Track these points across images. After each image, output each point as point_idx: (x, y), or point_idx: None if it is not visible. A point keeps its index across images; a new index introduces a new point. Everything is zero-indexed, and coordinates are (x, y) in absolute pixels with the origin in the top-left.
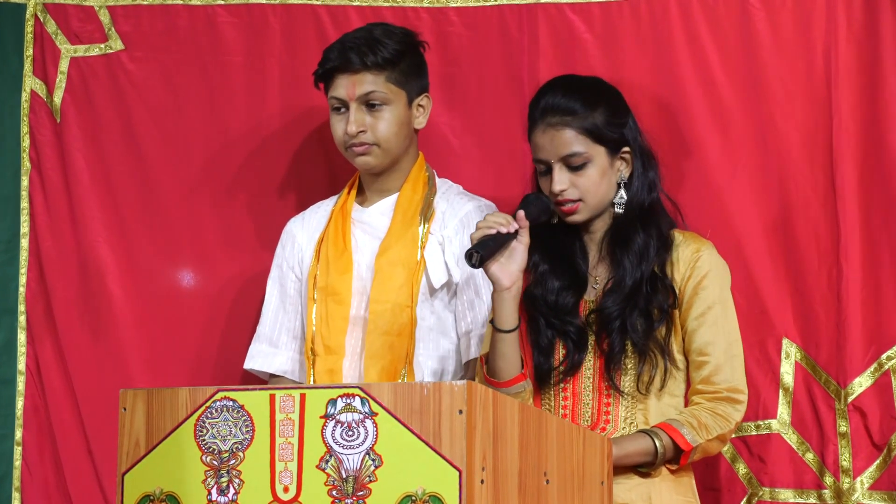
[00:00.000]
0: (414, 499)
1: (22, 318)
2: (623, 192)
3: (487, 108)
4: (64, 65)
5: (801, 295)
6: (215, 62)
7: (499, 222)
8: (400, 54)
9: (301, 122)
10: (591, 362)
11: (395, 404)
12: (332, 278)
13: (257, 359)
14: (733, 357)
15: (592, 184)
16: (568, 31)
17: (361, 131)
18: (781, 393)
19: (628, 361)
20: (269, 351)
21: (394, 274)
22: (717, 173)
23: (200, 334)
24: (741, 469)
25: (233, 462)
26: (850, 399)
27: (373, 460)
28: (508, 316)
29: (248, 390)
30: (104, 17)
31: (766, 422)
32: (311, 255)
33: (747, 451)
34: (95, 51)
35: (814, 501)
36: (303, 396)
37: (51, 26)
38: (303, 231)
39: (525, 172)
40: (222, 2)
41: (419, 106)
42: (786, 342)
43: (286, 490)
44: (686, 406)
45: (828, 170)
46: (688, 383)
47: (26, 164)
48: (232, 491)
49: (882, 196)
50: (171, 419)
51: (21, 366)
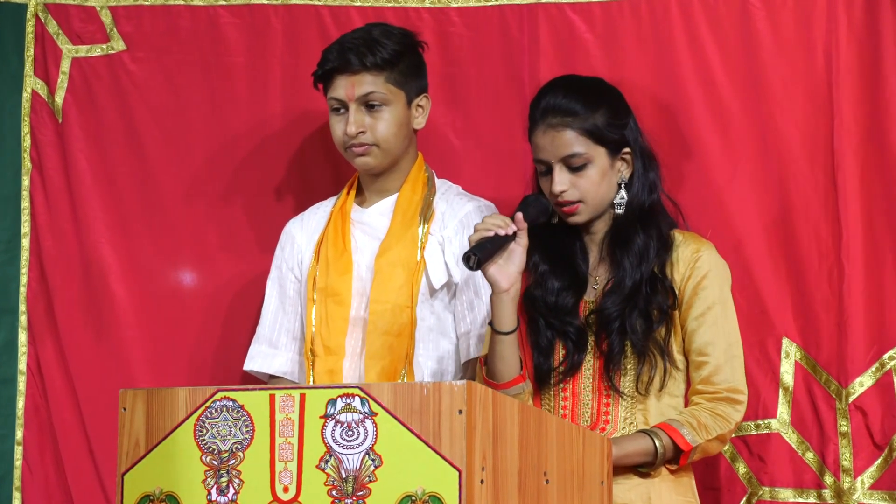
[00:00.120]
0: (414, 499)
1: (23, 317)
2: (623, 192)
3: (488, 108)
4: (65, 65)
5: (802, 295)
6: (217, 63)
7: (497, 224)
8: (399, 55)
9: (303, 123)
10: (591, 363)
11: (394, 404)
12: (332, 279)
13: (257, 360)
14: (733, 357)
15: (593, 185)
16: (568, 31)
17: (361, 132)
18: (781, 392)
19: (628, 362)
20: (268, 352)
21: (393, 274)
22: (718, 173)
23: (202, 334)
24: (741, 468)
25: (232, 462)
26: (852, 399)
27: (372, 460)
28: (507, 318)
29: (247, 390)
30: (106, 18)
31: (765, 421)
32: (310, 256)
33: (747, 451)
34: (97, 51)
35: (814, 501)
36: (302, 396)
37: (52, 26)
38: (302, 232)
39: (526, 173)
40: (224, 2)
41: (418, 106)
42: (786, 342)
43: (286, 490)
44: (686, 406)
45: (828, 169)
46: (688, 383)
47: (27, 163)
48: (232, 491)
49: (883, 195)
50: (170, 419)
51: (22, 365)
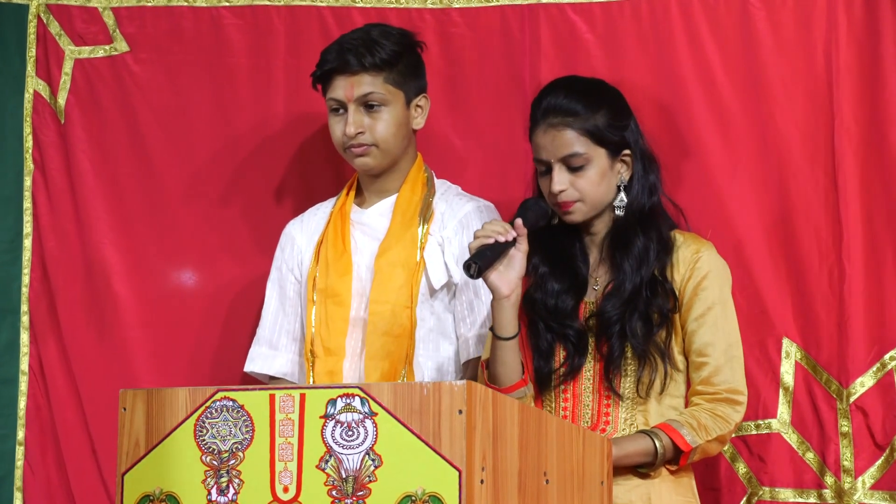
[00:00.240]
0: (414, 499)
1: (25, 317)
2: (623, 194)
3: (489, 108)
4: (68, 66)
5: (802, 295)
6: (220, 64)
7: (496, 231)
8: (397, 55)
9: (306, 124)
10: (591, 364)
11: (394, 404)
12: (332, 280)
13: (257, 361)
14: (733, 358)
15: (592, 185)
16: (569, 32)
17: (360, 132)
18: (781, 392)
19: (628, 365)
20: (268, 353)
21: (393, 275)
22: (718, 173)
23: (205, 335)
24: (741, 469)
25: (232, 462)
26: (853, 399)
27: (372, 460)
28: (508, 323)
29: (247, 390)
30: (108, 19)
31: (766, 421)
32: (310, 257)
33: (747, 451)
34: (100, 52)
35: (814, 501)
36: (302, 396)
37: (54, 27)
38: (302, 233)
39: (526, 173)
40: (227, 3)
41: (417, 106)
42: (786, 342)
43: (286, 490)
44: (686, 406)
45: (829, 169)
46: (688, 384)
47: (29, 164)
48: (232, 491)
49: (884, 195)
50: (170, 419)
51: (24, 366)
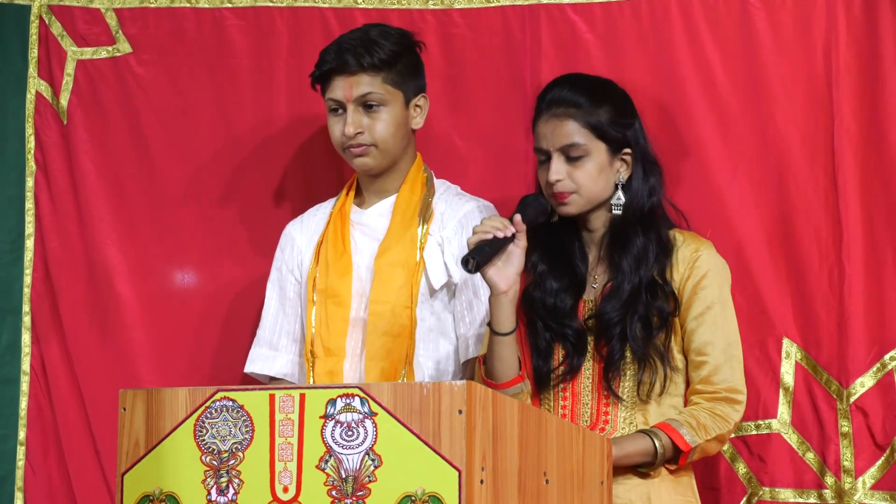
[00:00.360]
0: (413, 499)
1: (26, 318)
2: (621, 193)
3: (490, 108)
4: (70, 67)
5: (802, 295)
6: (222, 65)
7: (495, 227)
8: (396, 55)
9: (308, 124)
10: (590, 363)
11: (394, 404)
12: (332, 280)
13: (258, 362)
14: (732, 357)
15: (588, 178)
16: (569, 32)
17: (359, 132)
18: (782, 392)
19: (627, 368)
20: (269, 354)
21: (393, 275)
22: (718, 173)
23: (207, 335)
24: (741, 469)
25: (232, 462)
26: (853, 399)
27: (372, 460)
28: (505, 319)
29: (247, 390)
30: (111, 20)
31: (766, 421)
32: (310, 258)
33: (747, 451)
34: (103, 53)
35: (814, 501)
36: (302, 396)
37: (56, 28)
38: (301, 234)
39: (527, 173)
40: (229, 4)
41: (416, 106)
42: (786, 342)
43: (286, 490)
44: (685, 405)
45: (829, 169)
46: (687, 382)
47: (31, 165)
48: (231, 491)
49: (884, 195)
50: (170, 419)
51: (25, 366)
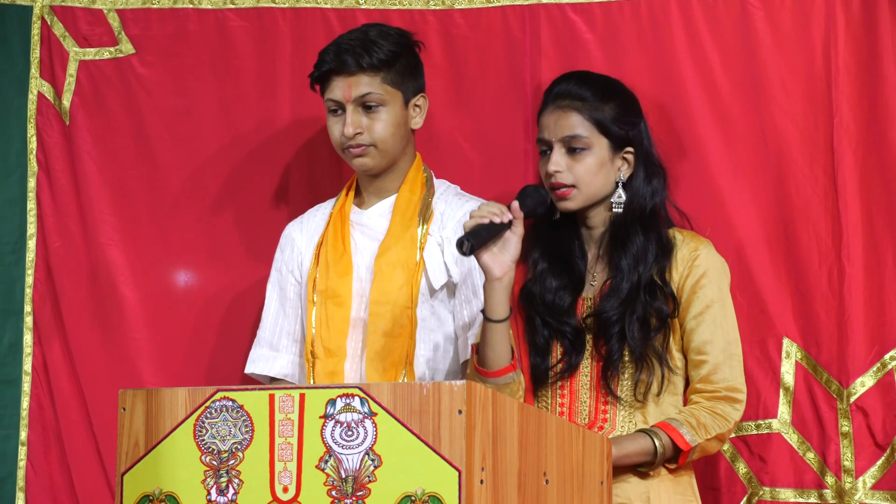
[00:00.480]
0: (413, 499)
1: (28, 318)
2: (622, 191)
3: (490, 108)
4: (72, 67)
5: (802, 294)
6: (225, 66)
7: (492, 212)
8: (395, 55)
9: (312, 125)
10: (589, 362)
11: (394, 404)
12: (332, 281)
13: (258, 363)
14: (732, 356)
15: (588, 172)
16: (569, 32)
17: (358, 133)
18: (782, 392)
19: (626, 368)
20: (269, 355)
21: (393, 275)
22: (717, 173)
23: (209, 336)
24: (741, 468)
25: (232, 462)
26: (853, 399)
27: (372, 460)
28: (499, 306)
29: (247, 390)
30: (113, 21)
31: (766, 421)
32: (310, 259)
33: (747, 451)
34: (106, 54)
35: (815, 501)
36: (302, 396)
37: (58, 28)
38: (301, 235)
39: (527, 172)
40: (232, 5)
41: (415, 106)
42: (786, 342)
43: (285, 490)
44: (685, 404)
45: (828, 169)
46: (687, 382)
47: (33, 165)
48: (231, 491)
49: (883, 194)
50: (170, 419)
51: (27, 366)
